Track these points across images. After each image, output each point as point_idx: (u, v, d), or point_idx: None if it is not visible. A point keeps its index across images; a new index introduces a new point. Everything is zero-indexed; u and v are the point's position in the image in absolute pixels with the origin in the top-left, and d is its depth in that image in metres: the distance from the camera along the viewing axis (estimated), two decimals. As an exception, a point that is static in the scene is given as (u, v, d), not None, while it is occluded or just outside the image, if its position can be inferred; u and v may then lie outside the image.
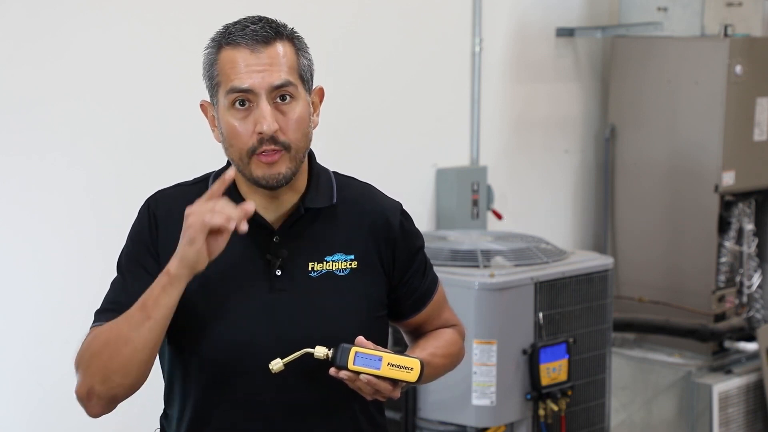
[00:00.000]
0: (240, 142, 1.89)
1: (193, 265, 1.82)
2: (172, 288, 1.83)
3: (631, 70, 4.90)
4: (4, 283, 3.32)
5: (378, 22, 4.23)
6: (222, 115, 1.92)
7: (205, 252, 1.81)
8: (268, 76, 1.88)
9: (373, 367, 1.84)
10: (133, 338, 1.84)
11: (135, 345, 1.84)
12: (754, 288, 4.94)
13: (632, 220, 4.97)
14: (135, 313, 1.85)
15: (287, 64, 1.90)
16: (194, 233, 1.80)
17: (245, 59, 1.88)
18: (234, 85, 1.88)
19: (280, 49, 1.90)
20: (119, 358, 1.84)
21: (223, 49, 1.90)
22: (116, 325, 1.86)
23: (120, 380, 1.86)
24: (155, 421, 2.11)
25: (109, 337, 1.85)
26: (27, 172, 3.33)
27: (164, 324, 1.85)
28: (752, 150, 4.79)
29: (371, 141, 4.25)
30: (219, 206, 1.80)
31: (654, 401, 4.72)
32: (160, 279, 1.84)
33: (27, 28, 3.28)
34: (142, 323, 1.84)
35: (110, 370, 1.85)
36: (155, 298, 1.83)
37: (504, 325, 3.58)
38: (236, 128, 1.89)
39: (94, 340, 1.88)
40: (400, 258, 2.05)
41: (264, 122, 1.87)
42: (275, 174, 1.90)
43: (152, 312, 1.83)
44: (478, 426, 3.59)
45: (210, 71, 1.93)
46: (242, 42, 1.89)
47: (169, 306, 1.84)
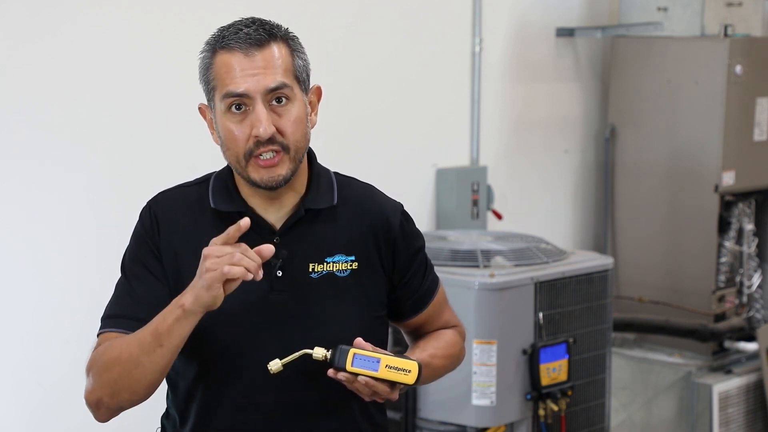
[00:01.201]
0: (237, 146, 1.90)
1: (208, 306, 1.82)
2: (185, 321, 1.83)
3: (631, 70, 4.90)
4: (4, 284, 3.32)
5: (378, 22, 4.23)
6: (219, 119, 1.92)
7: (222, 296, 1.81)
8: (262, 80, 1.88)
9: (371, 369, 1.84)
10: (143, 363, 1.84)
11: (145, 369, 1.85)
12: (754, 288, 4.94)
13: (632, 220, 4.97)
14: (147, 337, 1.85)
15: (282, 66, 1.90)
16: (211, 281, 1.78)
17: (240, 63, 1.88)
18: (229, 89, 1.88)
19: (274, 51, 1.90)
20: (128, 379, 1.86)
21: (218, 54, 1.90)
22: (128, 346, 1.86)
23: (128, 397, 1.88)
24: (156, 420, 2.11)
25: (120, 357, 1.86)
26: (27, 173, 3.32)
27: (175, 351, 1.86)
28: (752, 150, 4.79)
29: (371, 141, 4.25)
30: (237, 258, 1.78)
31: (654, 401, 4.72)
32: (174, 311, 1.83)
33: (27, 28, 3.28)
34: (153, 350, 1.84)
35: (119, 387, 1.87)
36: (168, 327, 1.83)
37: (504, 325, 3.58)
38: (233, 132, 1.89)
39: (106, 353, 1.89)
40: (401, 259, 2.05)
41: (260, 125, 1.87)
42: (275, 176, 1.90)
43: (164, 340, 1.84)
44: (478, 426, 3.59)
45: (206, 75, 1.93)
46: (236, 46, 1.88)
47: (182, 336, 1.84)
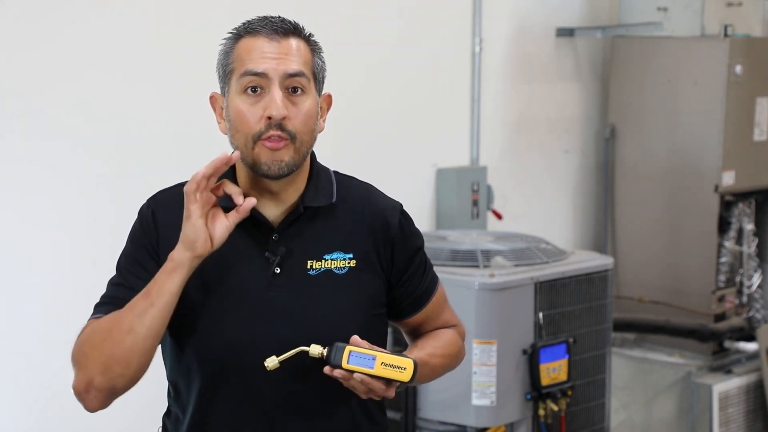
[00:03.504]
0: (247, 127, 1.90)
1: (192, 243, 1.84)
2: (175, 273, 1.84)
3: (631, 70, 4.90)
4: (5, 286, 3.32)
5: (378, 23, 4.23)
6: (231, 101, 1.92)
7: (203, 229, 1.83)
8: (282, 64, 1.90)
9: (367, 366, 1.85)
10: (136, 326, 1.84)
11: (138, 333, 1.84)
12: (754, 288, 4.94)
13: (632, 220, 4.98)
14: (138, 301, 1.86)
15: (302, 57, 1.93)
16: (186, 207, 1.83)
17: (262, 47, 1.90)
18: (249, 68, 1.89)
19: (295, 43, 1.93)
20: (121, 347, 1.84)
21: (242, 39, 1.93)
22: (118, 315, 1.87)
23: (121, 370, 1.85)
24: (157, 420, 2.11)
25: (110, 327, 1.86)
26: (24, 178, 3.33)
27: (167, 311, 1.86)
28: (752, 150, 4.79)
29: (371, 141, 4.25)
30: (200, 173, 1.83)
31: (654, 401, 4.72)
32: (165, 265, 1.86)
33: (22, 34, 3.28)
34: (145, 311, 1.84)
35: (112, 359, 1.85)
36: (160, 284, 1.85)
37: (504, 325, 3.58)
38: (244, 113, 1.90)
39: (94, 331, 1.88)
40: (399, 258, 2.05)
41: (274, 106, 1.88)
42: (278, 160, 1.90)
43: (156, 299, 1.84)
44: (478, 426, 3.59)
45: (225, 60, 1.94)
46: (261, 31, 1.91)
47: (172, 292, 1.85)
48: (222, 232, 1.86)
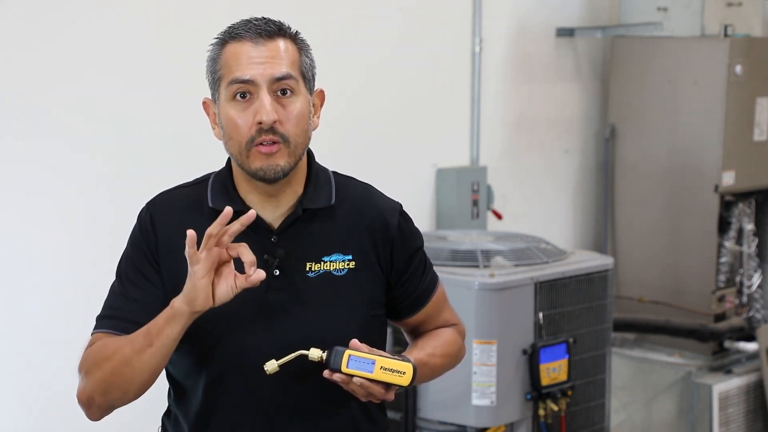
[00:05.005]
0: (239, 134, 1.90)
1: (191, 300, 1.82)
2: (174, 322, 1.84)
3: (631, 70, 4.90)
4: (5, 286, 3.32)
5: (378, 23, 4.23)
6: (222, 109, 1.92)
7: (205, 289, 1.81)
8: (269, 68, 1.89)
9: (366, 371, 1.85)
10: (134, 362, 1.85)
11: (135, 368, 1.86)
12: (754, 288, 4.94)
13: (632, 220, 4.98)
14: (139, 337, 1.86)
15: (289, 58, 1.92)
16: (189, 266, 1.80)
17: (247, 52, 1.90)
18: (235, 76, 1.89)
19: (283, 44, 1.92)
20: (119, 378, 1.87)
21: (227, 45, 1.92)
22: (120, 345, 1.87)
23: (119, 396, 1.89)
24: (156, 420, 2.11)
25: (112, 355, 1.87)
26: (24, 179, 3.33)
27: (165, 353, 1.86)
28: (752, 150, 4.79)
29: (371, 141, 4.25)
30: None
31: (654, 401, 4.72)
32: (166, 310, 1.85)
33: (22, 34, 3.28)
34: (144, 349, 1.85)
35: (111, 386, 1.87)
36: (159, 327, 1.84)
37: (504, 325, 3.58)
38: (236, 120, 1.90)
39: (98, 351, 1.90)
40: (398, 258, 2.05)
41: (263, 112, 1.88)
42: (273, 165, 1.90)
43: (155, 340, 1.84)
44: (478, 426, 3.59)
45: (213, 67, 1.94)
46: (245, 35, 1.90)
47: (171, 338, 1.85)
48: (225, 293, 1.83)
